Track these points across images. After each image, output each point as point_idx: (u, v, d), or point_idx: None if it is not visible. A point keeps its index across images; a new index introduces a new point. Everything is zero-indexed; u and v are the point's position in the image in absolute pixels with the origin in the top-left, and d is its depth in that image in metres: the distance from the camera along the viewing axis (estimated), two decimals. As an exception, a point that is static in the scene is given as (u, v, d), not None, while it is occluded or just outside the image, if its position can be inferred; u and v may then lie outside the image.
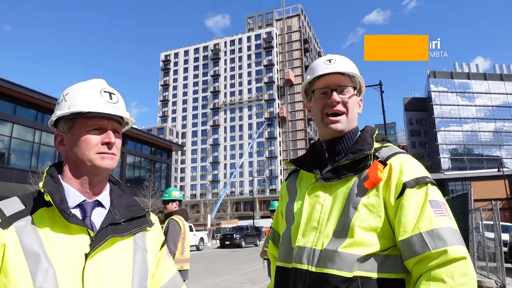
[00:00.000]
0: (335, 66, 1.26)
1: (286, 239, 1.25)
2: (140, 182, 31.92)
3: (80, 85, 1.08)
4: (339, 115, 1.24)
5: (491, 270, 9.63)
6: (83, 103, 1.02)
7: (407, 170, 1.11)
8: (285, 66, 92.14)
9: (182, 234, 4.40)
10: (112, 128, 1.06)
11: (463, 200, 11.04)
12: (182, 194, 4.75)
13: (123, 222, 1.03)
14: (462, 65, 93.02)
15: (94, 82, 1.09)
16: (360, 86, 1.31)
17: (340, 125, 1.23)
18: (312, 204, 1.19)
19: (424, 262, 1.00)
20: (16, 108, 21.60)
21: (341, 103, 1.23)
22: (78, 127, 1.03)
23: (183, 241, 4.39)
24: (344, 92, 1.25)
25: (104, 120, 1.04)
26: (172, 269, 1.17)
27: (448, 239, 0.99)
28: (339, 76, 1.25)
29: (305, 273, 1.11)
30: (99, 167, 1.02)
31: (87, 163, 1.02)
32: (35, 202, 0.98)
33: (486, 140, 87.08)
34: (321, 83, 1.27)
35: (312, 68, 1.31)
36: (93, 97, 1.04)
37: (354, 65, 1.30)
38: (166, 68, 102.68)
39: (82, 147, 1.02)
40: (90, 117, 1.02)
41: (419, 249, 1.01)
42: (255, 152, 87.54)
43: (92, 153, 1.02)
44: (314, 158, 1.31)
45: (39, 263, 0.89)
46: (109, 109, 1.03)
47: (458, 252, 0.97)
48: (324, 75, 1.26)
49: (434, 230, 1.01)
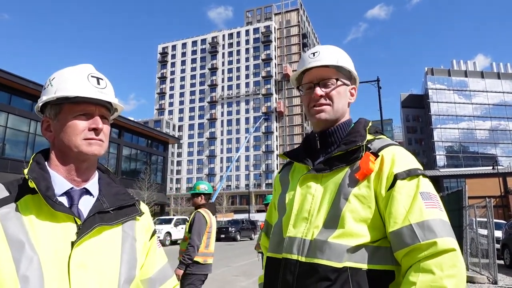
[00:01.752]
0: (318, 59, 1.24)
1: (277, 230, 1.25)
2: (136, 174, 31.89)
3: (66, 70, 1.05)
4: (324, 106, 1.24)
5: (483, 266, 9.72)
6: (70, 88, 0.99)
7: (399, 162, 1.11)
8: (283, 61, 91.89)
9: (208, 227, 4.40)
10: (99, 114, 1.03)
11: (457, 197, 11.13)
12: (211, 186, 4.76)
13: (112, 211, 1.01)
14: (460, 63, 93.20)
15: (81, 67, 1.07)
16: (351, 75, 1.29)
17: (324, 114, 1.23)
18: (304, 195, 1.19)
19: (414, 253, 1.00)
20: (12, 98, 21.44)
21: (325, 96, 1.23)
22: (65, 112, 1.00)
23: (208, 235, 4.39)
24: (328, 84, 1.23)
25: (92, 105, 1.01)
26: (162, 259, 1.14)
27: (438, 231, 0.99)
28: (323, 69, 1.24)
29: (295, 263, 1.11)
30: (85, 153, 1.00)
31: (73, 149, 0.99)
32: (20, 189, 0.96)
33: (482, 138, 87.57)
34: (306, 78, 1.27)
35: (300, 61, 1.31)
36: (80, 82, 1.01)
37: (341, 55, 1.28)
38: (163, 61, 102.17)
39: (69, 133, 0.99)
40: (77, 103, 1.00)
41: (409, 240, 1.00)
42: (252, 146, 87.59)
43: (79, 139, 0.99)
44: (307, 150, 1.31)
45: (23, 251, 0.86)
46: (97, 94, 1.01)
47: (447, 244, 0.97)
48: (309, 69, 1.26)
49: (425, 221, 1.01)
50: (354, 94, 1.31)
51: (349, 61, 1.30)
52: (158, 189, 34.00)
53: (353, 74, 1.30)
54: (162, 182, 36.59)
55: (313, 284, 1.06)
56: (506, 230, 12.82)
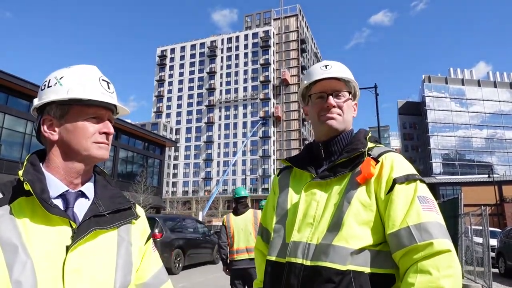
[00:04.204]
0: (331, 71, 1.31)
1: (279, 235, 1.27)
2: (132, 177, 31.73)
3: (75, 69, 1.03)
4: (335, 114, 1.29)
5: (478, 275, 9.72)
6: (84, 90, 0.99)
7: (398, 167, 1.16)
8: (281, 66, 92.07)
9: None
10: (108, 117, 1.04)
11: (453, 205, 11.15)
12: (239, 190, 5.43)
13: (108, 214, 0.99)
14: (457, 71, 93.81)
15: (89, 68, 1.05)
16: (355, 91, 1.36)
17: (335, 122, 1.28)
18: (308, 202, 1.23)
19: (411, 254, 1.04)
20: (8, 98, 21.34)
21: (337, 106, 1.29)
22: (74, 114, 0.99)
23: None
24: (340, 96, 1.30)
25: (103, 109, 1.02)
26: (158, 264, 1.13)
27: (434, 233, 1.03)
28: (335, 81, 1.30)
29: (300, 267, 1.13)
30: (94, 156, 0.99)
31: (82, 152, 0.98)
32: (14, 191, 0.93)
33: (478, 147, 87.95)
34: (318, 88, 1.32)
35: (309, 73, 1.36)
36: (93, 85, 1.01)
37: (349, 71, 1.36)
38: (162, 64, 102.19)
39: (78, 136, 0.98)
40: (89, 105, 0.99)
41: (406, 241, 1.05)
42: (249, 151, 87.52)
43: (89, 142, 0.98)
44: (310, 158, 1.34)
45: (17, 255, 0.84)
46: (109, 98, 1.01)
47: (443, 245, 1.01)
48: (320, 80, 1.31)
49: (422, 224, 1.05)
50: (355, 109, 1.38)
51: (353, 78, 1.36)
52: (154, 192, 33.85)
53: (357, 90, 1.37)
54: (158, 185, 36.44)
55: (317, 287, 1.09)
56: (501, 239, 12.85)
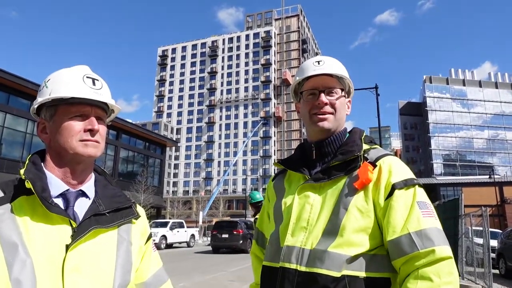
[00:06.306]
0: (323, 67, 1.26)
1: (274, 239, 1.24)
2: (133, 176, 31.74)
3: (62, 71, 1.05)
4: (327, 114, 1.24)
5: (478, 276, 9.70)
6: (65, 89, 0.99)
7: (396, 172, 1.13)
8: (282, 66, 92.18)
9: None
10: (95, 115, 1.02)
11: (454, 206, 11.14)
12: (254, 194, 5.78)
13: (108, 213, 0.99)
14: (458, 72, 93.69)
15: (76, 68, 1.06)
16: (349, 88, 1.32)
17: (327, 123, 1.23)
18: (302, 204, 1.19)
19: (412, 261, 1.02)
20: (10, 97, 21.37)
21: (329, 104, 1.24)
22: (60, 114, 1.00)
23: None
24: (332, 93, 1.25)
25: (87, 106, 1.00)
26: (157, 264, 1.13)
27: (436, 239, 1.02)
28: (327, 77, 1.25)
29: (294, 272, 1.11)
30: (81, 155, 0.98)
31: (69, 151, 0.98)
32: (15, 190, 0.94)
33: (479, 147, 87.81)
34: (310, 84, 1.27)
35: (302, 69, 1.31)
36: (75, 83, 1.00)
37: (343, 67, 1.31)
38: (163, 63, 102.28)
39: (64, 135, 0.98)
40: (73, 104, 0.99)
41: (407, 249, 1.03)
42: (250, 151, 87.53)
43: (75, 140, 0.98)
44: (303, 159, 1.30)
45: (17, 254, 0.85)
46: (92, 94, 1.00)
47: (444, 252, 1.01)
48: (313, 76, 1.26)
49: (422, 230, 1.04)
50: (349, 107, 1.34)
51: (348, 74, 1.31)
52: (155, 192, 33.86)
53: (351, 87, 1.32)
54: (159, 185, 36.46)
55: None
56: (501, 240, 12.83)
